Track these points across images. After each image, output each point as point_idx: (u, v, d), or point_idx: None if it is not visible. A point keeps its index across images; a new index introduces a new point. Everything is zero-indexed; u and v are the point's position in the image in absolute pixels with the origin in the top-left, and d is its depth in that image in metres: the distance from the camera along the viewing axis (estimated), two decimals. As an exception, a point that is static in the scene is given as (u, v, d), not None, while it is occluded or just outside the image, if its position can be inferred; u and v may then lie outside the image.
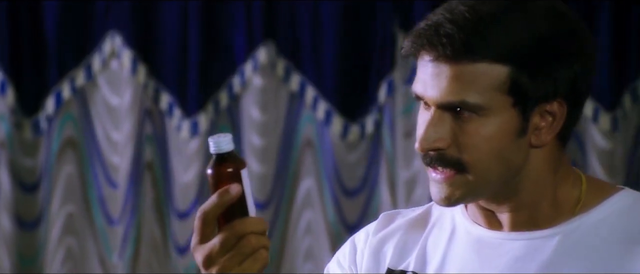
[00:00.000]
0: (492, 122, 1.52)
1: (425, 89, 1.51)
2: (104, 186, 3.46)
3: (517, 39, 1.52)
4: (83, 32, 3.46)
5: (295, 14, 3.48)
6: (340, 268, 1.68)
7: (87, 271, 3.47)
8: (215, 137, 1.43)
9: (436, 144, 1.51)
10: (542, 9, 1.56)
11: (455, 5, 1.54)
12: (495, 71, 1.51)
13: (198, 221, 1.43)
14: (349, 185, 3.47)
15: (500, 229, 1.59)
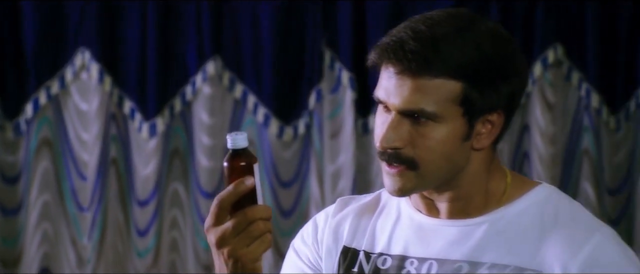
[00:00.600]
0: (444, 128, 1.58)
1: (389, 96, 1.58)
2: (75, 179, 3.45)
3: (470, 58, 1.57)
4: (57, 48, 3.45)
5: (238, 33, 3.46)
6: (305, 244, 1.75)
7: (61, 251, 3.45)
8: (232, 134, 1.51)
9: (394, 144, 1.57)
10: (489, 32, 1.60)
11: (417, 24, 1.59)
12: (451, 85, 1.56)
13: (215, 206, 1.50)
14: (284, 178, 3.50)
15: (438, 216, 1.65)
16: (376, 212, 1.71)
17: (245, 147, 1.50)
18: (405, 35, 1.56)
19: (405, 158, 1.57)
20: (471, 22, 1.59)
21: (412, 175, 1.58)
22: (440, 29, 1.57)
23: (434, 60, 1.55)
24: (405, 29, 1.58)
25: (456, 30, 1.57)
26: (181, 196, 3.51)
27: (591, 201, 3.45)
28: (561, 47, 3.47)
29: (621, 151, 3.52)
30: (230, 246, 1.50)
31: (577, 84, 3.48)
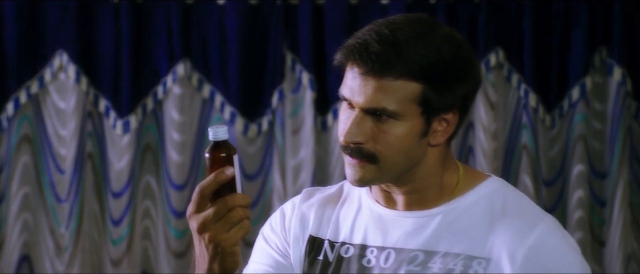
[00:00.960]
0: (403, 126, 1.60)
1: (353, 95, 1.59)
2: (54, 172, 3.43)
3: (429, 61, 1.58)
4: (37, 50, 3.43)
5: (206, 37, 3.46)
6: (273, 231, 1.76)
7: (40, 239, 3.43)
8: (214, 127, 1.51)
9: (357, 139, 1.59)
10: (447, 37, 1.61)
11: (380, 28, 1.60)
12: (411, 86, 1.58)
13: (196, 194, 1.51)
14: (248, 171, 3.49)
15: (395, 208, 1.67)
16: (339, 203, 1.73)
17: (225, 139, 1.50)
18: (370, 38, 1.58)
19: (366, 152, 1.59)
20: (431, 27, 1.60)
21: (373, 168, 1.60)
22: (402, 33, 1.58)
23: (396, 62, 1.56)
24: (369, 32, 1.60)
25: (417, 34, 1.58)
26: (153, 188, 3.50)
27: (529, 191, 3.47)
28: (502, 51, 3.50)
29: (556, 146, 3.55)
30: (211, 231, 1.50)
31: (516, 85, 3.52)
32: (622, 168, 3.51)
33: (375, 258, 1.64)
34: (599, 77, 3.54)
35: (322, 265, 1.69)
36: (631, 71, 3.52)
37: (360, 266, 1.65)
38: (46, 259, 3.43)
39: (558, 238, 1.61)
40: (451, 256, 1.61)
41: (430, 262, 1.61)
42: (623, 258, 3.51)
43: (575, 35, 3.51)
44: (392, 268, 1.63)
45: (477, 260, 1.60)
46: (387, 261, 1.63)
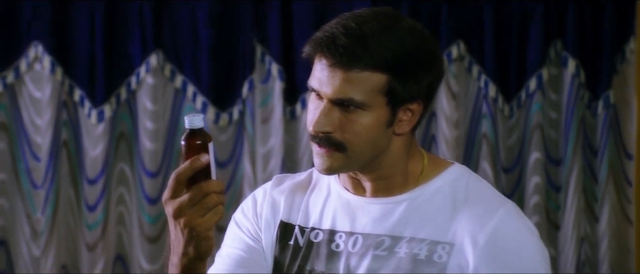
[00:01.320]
0: (370, 116, 1.59)
1: (321, 86, 1.59)
2: (30, 160, 3.41)
3: (394, 53, 1.57)
4: (12, 42, 3.40)
5: (178, 29, 3.44)
6: (245, 217, 1.76)
7: (16, 225, 3.42)
8: (190, 115, 1.51)
9: (325, 129, 1.59)
10: (411, 30, 1.60)
11: (347, 21, 1.60)
12: (377, 77, 1.57)
13: (172, 180, 1.51)
14: (220, 158, 3.47)
15: (363, 194, 1.67)
16: (309, 189, 1.73)
17: (201, 127, 1.50)
18: (337, 31, 1.57)
19: (334, 141, 1.59)
20: (396, 20, 1.60)
21: (340, 156, 1.60)
22: (368, 26, 1.57)
23: (362, 54, 1.56)
24: (336, 26, 1.59)
25: (382, 27, 1.58)
26: (127, 175, 3.49)
27: (489, 178, 3.47)
28: (463, 43, 3.50)
29: (514, 135, 3.56)
30: (187, 216, 1.50)
31: (477, 76, 3.52)
32: (576, 156, 3.52)
33: (343, 243, 1.65)
34: (555, 69, 3.56)
35: (292, 250, 1.69)
36: (584, 63, 3.54)
37: (329, 250, 1.65)
38: (23, 243, 3.41)
39: (517, 223, 1.62)
40: (416, 241, 1.62)
41: (396, 247, 1.62)
42: (577, 241, 3.52)
43: (532, 29, 3.51)
44: (359, 253, 1.63)
45: (441, 245, 1.61)
46: (355, 245, 1.64)
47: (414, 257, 1.61)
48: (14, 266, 3.42)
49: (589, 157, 3.57)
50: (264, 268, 1.73)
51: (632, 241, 3.58)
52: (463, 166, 1.69)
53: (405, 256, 1.61)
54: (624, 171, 3.58)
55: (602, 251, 3.55)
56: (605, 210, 3.55)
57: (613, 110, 3.55)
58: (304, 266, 1.68)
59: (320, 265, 1.66)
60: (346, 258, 1.65)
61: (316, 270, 1.66)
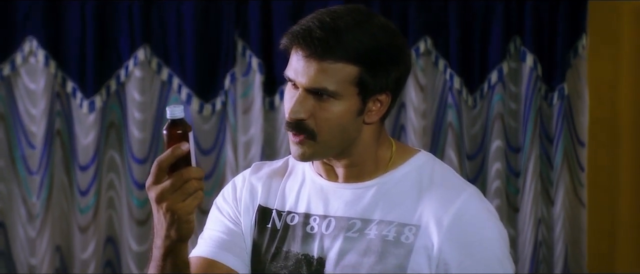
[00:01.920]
0: (342, 104, 1.60)
1: (297, 76, 1.60)
2: (26, 147, 3.40)
3: (366, 47, 1.59)
4: (8, 36, 3.39)
5: (165, 25, 3.43)
6: (226, 202, 1.77)
7: (13, 208, 3.42)
8: (171, 106, 1.51)
9: (300, 116, 1.60)
10: (382, 26, 1.61)
11: (322, 16, 1.60)
12: (349, 69, 1.59)
13: (154, 167, 1.50)
14: (204, 146, 3.47)
15: (336, 180, 1.69)
16: (285, 175, 1.75)
17: (182, 118, 1.51)
18: (313, 25, 1.58)
19: (306, 128, 1.60)
20: (368, 16, 1.61)
21: (312, 143, 1.61)
22: (343, 21, 1.58)
23: (336, 47, 1.57)
24: (312, 20, 1.60)
25: (355, 22, 1.59)
26: (117, 162, 3.48)
27: (454, 164, 3.48)
28: (430, 39, 3.49)
29: (477, 124, 3.55)
30: (168, 201, 1.50)
31: (443, 70, 3.52)
32: (533, 144, 3.51)
33: (317, 225, 1.66)
34: (514, 63, 3.55)
35: (270, 232, 1.70)
36: (541, 58, 3.53)
37: (304, 232, 1.67)
38: (19, 225, 3.42)
39: (479, 206, 1.64)
40: (385, 224, 1.63)
41: (366, 229, 1.63)
42: (534, 222, 3.52)
43: (493, 26, 3.50)
44: (332, 234, 1.65)
45: (408, 227, 1.62)
46: (328, 228, 1.66)
47: (383, 238, 1.62)
48: (11, 246, 3.42)
49: (545, 145, 3.57)
50: (243, 249, 1.73)
51: (584, 222, 3.59)
52: (429, 153, 1.71)
53: (375, 238, 1.63)
54: (577, 158, 3.58)
55: (557, 231, 3.55)
56: (560, 194, 3.55)
57: (567, 101, 3.54)
58: (281, 247, 1.69)
59: (296, 246, 1.67)
60: (320, 239, 1.66)
61: (292, 251, 1.67)
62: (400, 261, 1.61)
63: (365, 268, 1.62)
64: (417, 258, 1.61)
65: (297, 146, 1.62)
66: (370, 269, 1.62)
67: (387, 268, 1.61)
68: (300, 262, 1.67)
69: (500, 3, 3.50)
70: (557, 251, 3.56)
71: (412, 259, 1.60)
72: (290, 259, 1.68)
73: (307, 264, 1.66)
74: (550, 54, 3.54)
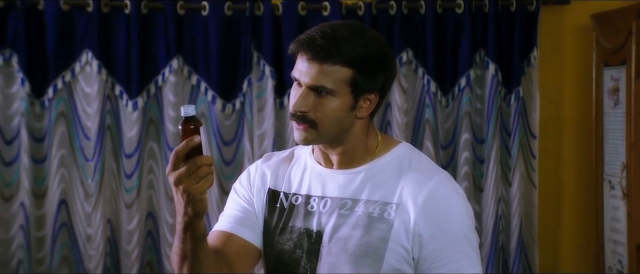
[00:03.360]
0: (337, 101, 1.59)
1: (301, 76, 1.59)
2: (83, 139, 3.42)
3: (359, 54, 1.57)
4: (69, 50, 3.41)
5: (194, 40, 3.45)
6: (241, 186, 1.77)
7: (73, 189, 3.43)
8: (184, 106, 1.51)
9: (302, 109, 1.59)
10: (373, 38, 1.60)
11: (324, 28, 1.59)
12: (344, 71, 1.57)
13: (172, 157, 1.50)
14: (226, 139, 3.49)
15: (332, 167, 1.68)
16: (291, 163, 1.75)
17: (193, 115, 1.50)
18: (316, 34, 1.58)
19: (309, 119, 1.60)
20: (362, 29, 1.61)
21: (313, 131, 1.61)
22: (340, 32, 1.58)
23: (334, 52, 1.56)
24: (316, 30, 1.59)
25: (351, 34, 1.58)
26: (155, 151, 3.49)
27: (430, 153, 3.52)
28: (411, 51, 3.53)
29: (449, 120, 3.58)
30: (184, 184, 1.49)
31: (421, 76, 3.54)
32: (495, 136, 3.56)
33: (316, 204, 1.67)
34: (479, 70, 3.59)
35: (279, 210, 1.71)
36: (501, 66, 3.57)
37: (306, 210, 1.68)
38: (78, 202, 3.45)
39: (449, 187, 1.63)
40: (371, 203, 1.62)
41: (356, 207, 1.63)
42: (495, 200, 3.57)
43: (462, 40, 3.54)
44: (328, 212, 1.65)
45: (390, 205, 1.61)
46: (325, 206, 1.66)
47: (369, 215, 1.61)
48: (72, 219, 3.45)
49: (505, 137, 3.60)
50: (256, 224, 1.72)
51: (535, 199, 3.63)
52: (409, 144, 1.71)
53: (363, 214, 1.62)
54: (530, 148, 3.61)
55: (514, 207, 3.60)
56: (516, 177, 3.59)
57: (522, 102, 3.58)
58: (287, 223, 1.68)
59: (299, 222, 1.67)
60: (318, 216, 1.66)
61: (296, 226, 1.67)
62: (384, 234, 1.59)
63: (355, 240, 1.60)
64: (398, 231, 1.59)
65: (300, 132, 1.60)
66: (358, 241, 1.60)
67: (372, 239, 1.59)
68: (302, 235, 1.65)
69: (468, 22, 3.54)
70: (514, 223, 3.62)
71: (393, 232, 1.59)
72: (294, 232, 1.66)
73: (308, 237, 1.64)
74: (508, 64, 3.59)
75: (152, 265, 3.52)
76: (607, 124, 3.44)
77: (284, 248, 1.66)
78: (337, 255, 1.59)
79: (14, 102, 3.41)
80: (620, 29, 3.22)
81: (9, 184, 3.41)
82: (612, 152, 3.41)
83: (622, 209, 3.34)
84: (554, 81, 3.70)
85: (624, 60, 3.24)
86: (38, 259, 3.43)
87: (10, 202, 3.41)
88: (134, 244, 3.48)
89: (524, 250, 3.63)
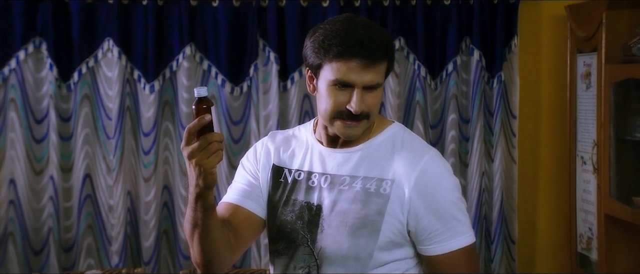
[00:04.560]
0: (381, 90, 1.57)
1: (356, 80, 1.51)
2: (105, 119, 3.44)
3: (389, 46, 1.55)
4: (92, 38, 3.42)
5: (205, 28, 3.44)
6: (248, 161, 1.75)
7: (96, 163, 3.45)
8: (197, 87, 1.49)
9: (365, 109, 1.54)
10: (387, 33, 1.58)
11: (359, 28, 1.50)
12: (384, 65, 1.55)
13: (185, 133, 1.49)
14: (234, 119, 3.49)
15: (332, 146, 1.64)
16: (293, 142, 1.72)
17: (206, 96, 1.49)
18: (362, 38, 1.50)
19: (365, 115, 1.57)
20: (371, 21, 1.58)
21: (365, 122, 1.57)
22: (372, 31, 1.52)
23: (379, 53, 1.52)
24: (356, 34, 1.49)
25: (377, 29, 1.55)
26: (170, 130, 3.50)
27: (420, 132, 3.53)
28: (403, 39, 3.53)
29: (437, 102, 3.60)
30: (196, 158, 1.47)
31: (412, 62, 3.55)
32: (479, 117, 3.59)
33: (317, 180, 1.65)
34: (465, 56, 3.61)
35: (283, 185, 1.69)
36: (485, 53, 3.60)
37: (307, 185, 1.66)
38: (101, 176, 3.47)
39: (439, 164, 1.60)
40: (368, 179, 1.60)
41: (353, 183, 1.61)
42: (479, 175, 3.60)
43: (449, 29, 3.56)
44: (328, 187, 1.63)
45: (385, 181, 1.58)
46: (325, 182, 1.64)
47: (366, 190, 1.59)
48: (95, 191, 3.47)
49: (488, 118, 3.63)
50: (261, 197, 1.71)
51: (515, 174, 3.67)
52: (401, 124, 1.69)
53: (360, 189, 1.59)
54: (511, 127, 3.64)
55: (496, 181, 3.63)
56: (498, 153, 3.62)
57: (503, 85, 3.60)
58: (290, 196, 1.67)
59: (301, 196, 1.65)
60: (319, 191, 1.64)
61: (298, 199, 1.65)
62: (380, 207, 1.56)
63: (353, 213, 1.58)
64: (393, 205, 1.56)
65: (357, 128, 1.55)
66: (357, 214, 1.58)
67: (369, 212, 1.57)
68: (303, 208, 1.64)
69: (455, 13, 3.57)
70: (496, 195, 3.66)
71: (389, 206, 1.56)
72: (296, 205, 1.64)
73: (309, 210, 1.63)
74: (491, 50, 3.61)
75: (168, 233, 3.54)
76: (580, 105, 3.47)
77: (286, 219, 1.64)
78: (337, 227, 1.58)
79: (43, 85, 3.42)
80: (592, 20, 3.26)
81: (40, 159, 3.43)
82: (584, 131, 3.44)
83: (592, 182, 3.38)
84: (533, 66, 3.72)
85: (595, 47, 3.28)
86: (66, 226, 3.47)
87: (41, 175, 3.43)
88: (151, 214, 3.49)
89: (505, 220, 3.66)
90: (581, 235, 3.51)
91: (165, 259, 3.53)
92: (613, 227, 3.19)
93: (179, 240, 3.50)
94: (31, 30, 3.36)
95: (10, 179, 3.41)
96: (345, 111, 1.53)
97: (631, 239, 3.16)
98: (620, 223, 3.15)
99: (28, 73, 3.40)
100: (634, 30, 3.11)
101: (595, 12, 3.23)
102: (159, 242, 3.51)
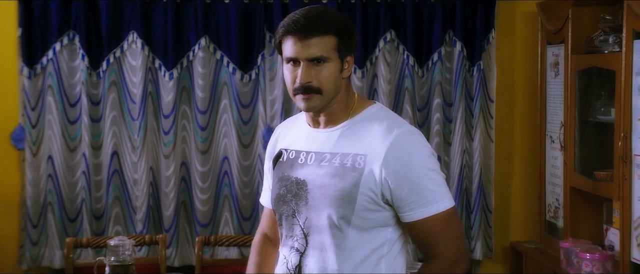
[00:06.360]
0: (331, 65, 1.53)
1: (298, 54, 1.50)
2: (129, 102, 3.48)
3: (337, 22, 1.53)
4: (119, 30, 3.46)
5: (218, 22, 3.46)
6: (267, 158, 1.75)
7: (123, 142, 3.50)
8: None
9: (307, 80, 1.52)
10: (337, 11, 1.63)
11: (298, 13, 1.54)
12: (331, 39, 1.52)
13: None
14: (243, 102, 3.52)
15: (318, 127, 1.63)
16: (294, 126, 1.73)
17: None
18: (297, 18, 1.52)
19: (314, 88, 1.54)
20: (326, 8, 1.60)
21: (318, 97, 1.55)
22: (314, 11, 1.54)
23: (319, 25, 1.51)
24: (293, 16, 1.52)
25: (322, 10, 1.55)
26: (187, 113, 3.52)
27: (408, 114, 3.52)
28: (393, 31, 3.53)
29: (424, 88, 3.59)
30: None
31: (402, 52, 3.54)
32: (460, 101, 3.58)
33: (304, 158, 1.64)
34: (449, 47, 3.60)
35: (280, 163, 1.69)
36: (466, 44, 3.59)
37: (297, 163, 1.65)
38: (126, 154, 3.51)
39: (409, 137, 1.55)
40: (345, 155, 1.58)
41: (333, 159, 1.59)
42: (460, 152, 3.61)
43: (435, 23, 3.56)
44: (313, 164, 1.62)
45: (360, 156, 1.56)
46: (310, 159, 1.63)
47: (344, 165, 1.57)
48: (122, 167, 3.52)
49: (468, 101, 3.62)
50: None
51: (492, 151, 3.68)
52: (381, 104, 1.64)
53: (338, 165, 1.58)
54: (489, 110, 3.66)
55: (475, 158, 3.64)
56: (477, 133, 3.62)
57: (482, 73, 3.60)
58: (284, 173, 1.66)
59: (293, 172, 1.64)
60: (306, 167, 1.63)
61: (291, 175, 1.64)
62: (355, 180, 1.54)
63: (332, 186, 1.56)
64: (367, 178, 1.54)
65: (308, 101, 1.54)
66: (335, 187, 1.56)
67: (346, 185, 1.55)
68: (293, 183, 1.62)
69: (440, 9, 3.56)
70: (475, 170, 3.66)
71: (363, 179, 1.54)
72: (289, 180, 1.63)
73: (297, 184, 1.62)
74: (472, 42, 3.60)
75: (185, 204, 3.55)
76: (549, 91, 3.47)
77: (280, 192, 1.65)
78: (319, 199, 1.57)
79: (76, 73, 3.47)
80: (559, 15, 3.28)
81: (73, 138, 3.49)
82: (552, 114, 3.44)
83: (559, 159, 3.40)
84: (508, 56, 3.72)
85: (563, 39, 3.29)
86: (96, 197, 3.51)
87: (75, 152, 3.49)
88: (170, 187, 3.51)
89: (483, 192, 3.66)
90: (549, 205, 3.53)
91: (183, 226, 3.56)
92: (577, 198, 3.22)
93: (195, 210, 3.52)
94: (66, 25, 3.42)
95: (49, 156, 3.47)
96: (298, 86, 1.52)
97: (592, 208, 3.18)
98: (583, 194, 3.18)
99: (63, 62, 3.45)
100: (596, 25, 3.12)
101: (562, 8, 3.25)
102: (177, 212, 3.53)
